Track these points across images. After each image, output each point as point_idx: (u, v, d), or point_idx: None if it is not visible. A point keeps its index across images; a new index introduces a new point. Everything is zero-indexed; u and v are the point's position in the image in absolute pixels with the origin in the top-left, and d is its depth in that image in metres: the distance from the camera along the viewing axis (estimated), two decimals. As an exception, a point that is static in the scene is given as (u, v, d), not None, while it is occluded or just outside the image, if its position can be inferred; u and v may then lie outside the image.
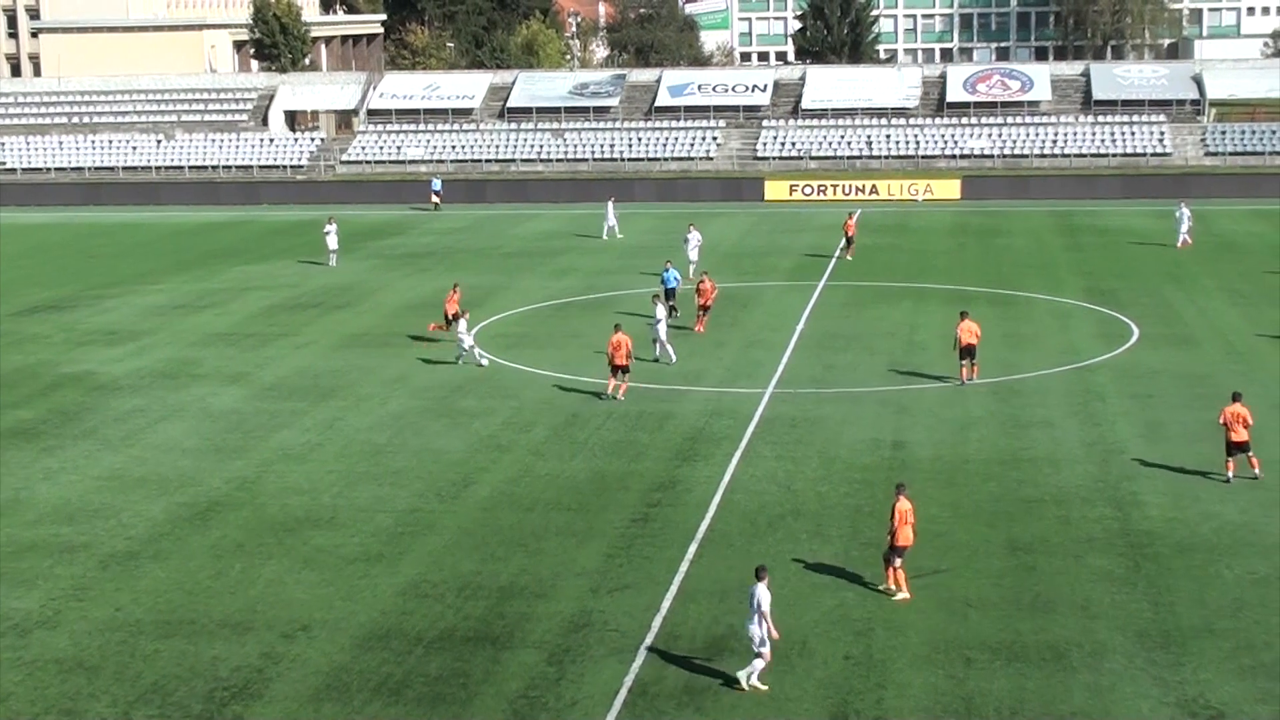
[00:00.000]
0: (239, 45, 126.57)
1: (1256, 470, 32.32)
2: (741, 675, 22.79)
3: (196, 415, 40.34)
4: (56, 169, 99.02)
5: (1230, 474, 32.15)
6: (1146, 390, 40.57)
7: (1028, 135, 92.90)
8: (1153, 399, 39.64)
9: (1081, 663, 23.58)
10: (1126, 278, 58.84)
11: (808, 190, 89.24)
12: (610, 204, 76.56)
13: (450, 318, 47.23)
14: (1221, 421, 32.42)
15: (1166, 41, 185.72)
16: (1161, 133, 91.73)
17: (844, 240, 66.02)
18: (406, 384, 43.35)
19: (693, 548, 29.03)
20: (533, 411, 39.47)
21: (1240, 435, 32.05)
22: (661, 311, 44.99)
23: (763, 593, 22.80)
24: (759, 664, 22.81)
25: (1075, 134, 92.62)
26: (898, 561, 26.30)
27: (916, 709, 22.22)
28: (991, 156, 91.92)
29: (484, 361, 44.95)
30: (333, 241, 67.39)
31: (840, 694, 22.69)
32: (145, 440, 37.92)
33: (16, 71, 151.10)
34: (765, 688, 22.68)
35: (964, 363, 41.41)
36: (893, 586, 26.28)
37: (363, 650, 24.63)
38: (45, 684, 23.61)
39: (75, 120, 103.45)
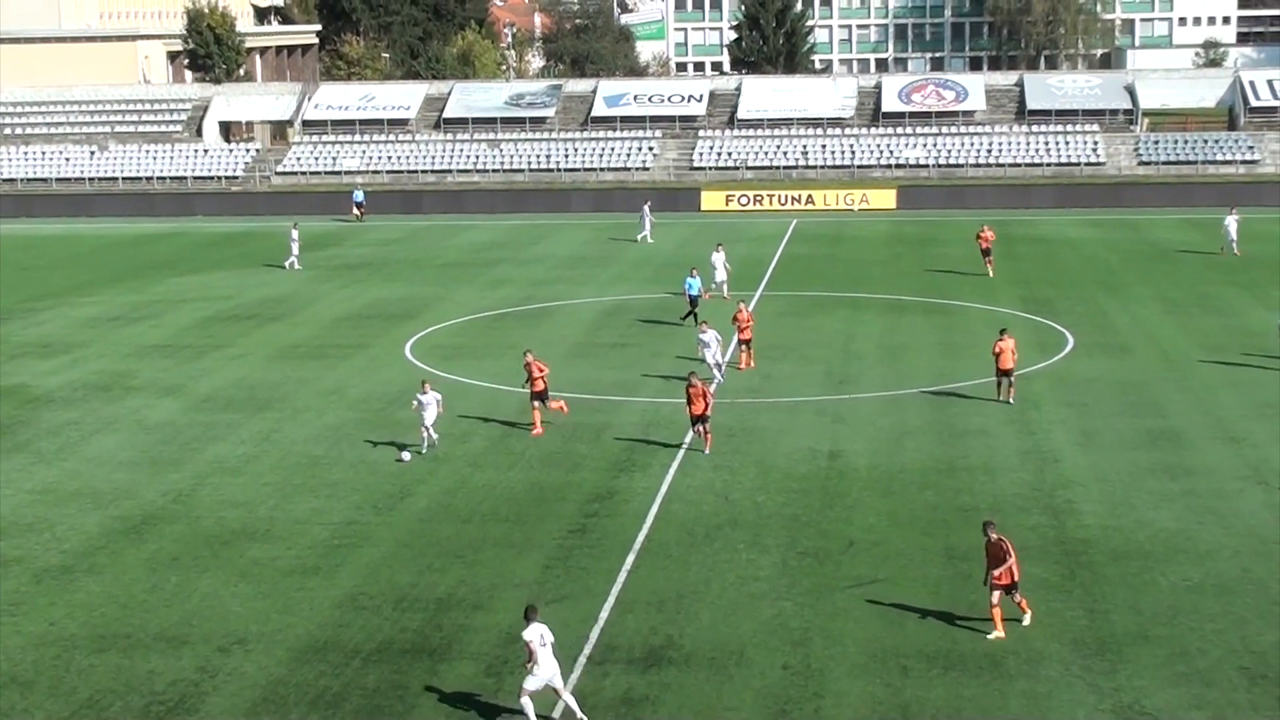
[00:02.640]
0: (173, 56, 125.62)
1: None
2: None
3: (131, 428, 39.97)
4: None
5: None
6: (1081, 399, 40.94)
7: (962, 145, 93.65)
8: (1087, 407, 40.01)
9: (1018, 670, 23.74)
10: (1061, 286, 59.38)
11: (744, 200, 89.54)
12: (646, 208, 77.52)
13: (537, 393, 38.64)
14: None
15: (1099, 52, 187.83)
16: (1095, 142, 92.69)
17: (981, 254, 62.50)
18: (343, 396, 43.12)
19: (630, 558, 29.03)
20: (469, 423, 39.33)
21: None
22: (710, 334, 42.70)
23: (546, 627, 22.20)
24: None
25: (1009, 144, 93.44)
26: (997, 596, 24.96)
27: (854, 718, 22.30)
28: (927, 166, 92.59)
29: (420, 450, 36.52)
30: (294, 247, 68.56)
31: (778, 703, 22.76)
32: (79, 453, 37.54)
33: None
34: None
35: (1001, 381, 40.28)
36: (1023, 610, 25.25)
37: (300, 663, 24.47)
38: (-23, 701, 23.34)
39: (7, 131, 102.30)
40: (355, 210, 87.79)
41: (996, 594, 24.92)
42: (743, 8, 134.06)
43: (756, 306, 55.71)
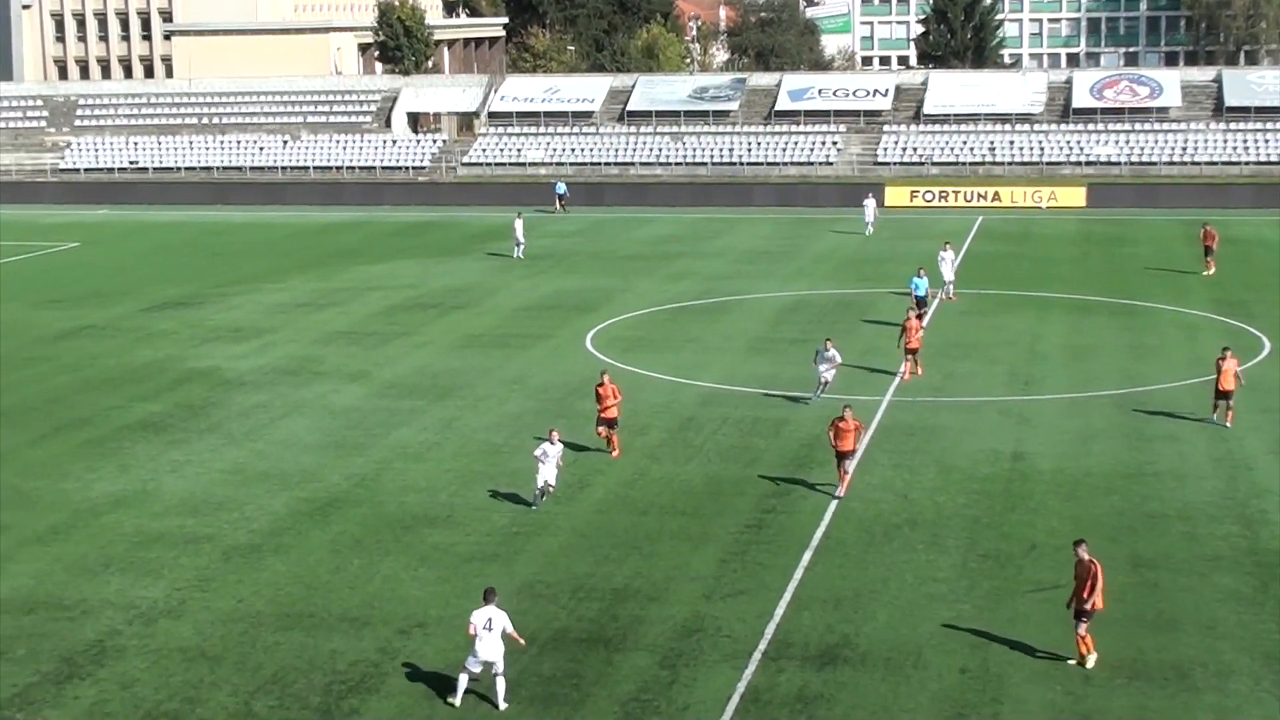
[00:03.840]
0: (364, 48, 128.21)
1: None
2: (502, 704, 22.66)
3: (318, 412, 40.85)
4: (186, 168, 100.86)
5: None
6: (1278, 405, 39.62)
7: (1156, 142, 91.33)
8: (1283, 414, 38.71)
9: (1206, 683, 23.08)
10: (1258, 289, 57.57)
11: (929, 196, 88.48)
12: (868, 200, 77.85)
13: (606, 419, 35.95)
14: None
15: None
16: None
17: (1204, 251, 61.43)
18: (524, 385, 43.55)
19: (807, 555, 28.85)
20: (648, 414, 39.44)
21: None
22: (833, 352, 40.42)
23: (498, 613, 22.78)
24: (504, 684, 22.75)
25: (1206, 141, 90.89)
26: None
27: (1034, 724, 21.90)
28: (1118, 164, 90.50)
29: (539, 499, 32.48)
30: (519, 235, 69.49)
31: (955, 707, 22.42)
32: (268, 435, 38.47)
33: (149, 73, 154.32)
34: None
35: (1219, 403, 37.54)
36: (1085, 652, 23.89)
37: (477, 649, 24.75)
38: (170, 671, 24.05)
39: (205, 121, 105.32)
40: (558, 202, 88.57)
41: (1084, 622, 23.67)
42: (930, 1, 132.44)
43: (940, 304, 54.93)
